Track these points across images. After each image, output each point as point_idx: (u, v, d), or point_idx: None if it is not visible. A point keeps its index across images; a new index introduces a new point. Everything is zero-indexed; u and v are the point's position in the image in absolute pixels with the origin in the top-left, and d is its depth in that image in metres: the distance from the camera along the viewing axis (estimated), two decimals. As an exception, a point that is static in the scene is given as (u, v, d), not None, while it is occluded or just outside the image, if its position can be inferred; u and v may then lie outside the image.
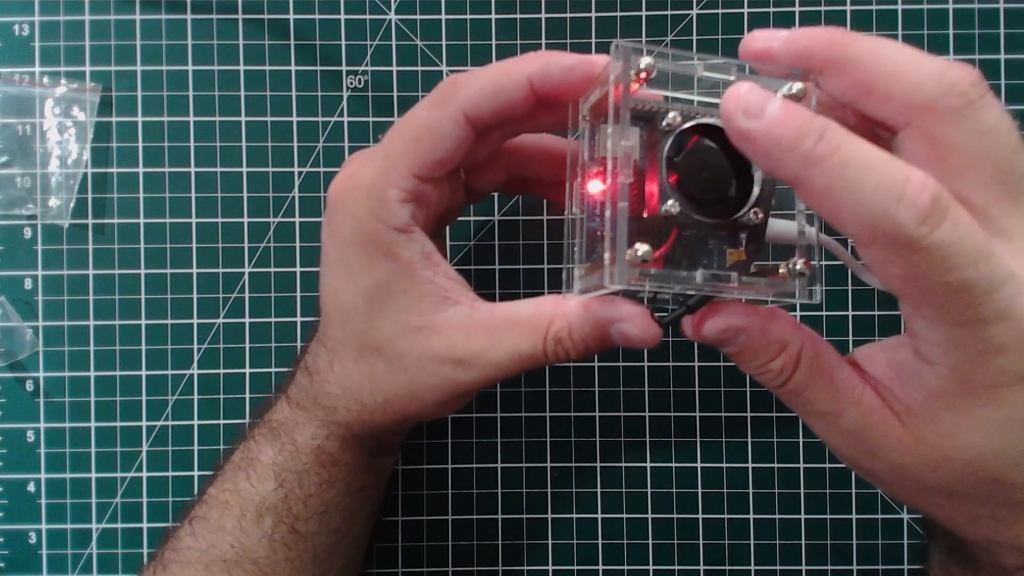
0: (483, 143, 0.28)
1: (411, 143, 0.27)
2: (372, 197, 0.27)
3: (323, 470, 0.30)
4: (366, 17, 0.38)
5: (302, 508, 0.30)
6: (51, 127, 0.38)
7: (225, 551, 0.29)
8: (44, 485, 0.38)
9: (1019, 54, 0.37)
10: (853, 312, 0.38)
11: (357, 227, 0.27)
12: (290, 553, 0.30)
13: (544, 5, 0.38)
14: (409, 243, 0.27)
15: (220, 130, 0.38)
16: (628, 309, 0.25)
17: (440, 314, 0.27)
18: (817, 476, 0.38)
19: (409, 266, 0.27)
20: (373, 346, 0.28)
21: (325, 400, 0.29)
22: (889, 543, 0.37)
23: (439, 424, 0.38)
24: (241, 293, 0.38)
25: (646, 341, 0.25)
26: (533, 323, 0.26)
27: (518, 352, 0.26)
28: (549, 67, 0.25)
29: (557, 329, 0.26)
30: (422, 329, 0.27)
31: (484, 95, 0.26)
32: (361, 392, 0.28)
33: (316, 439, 0.30)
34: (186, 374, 0.38)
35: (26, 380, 0.38)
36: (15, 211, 0.38)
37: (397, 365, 0.27)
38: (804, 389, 0.24)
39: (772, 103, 0.20)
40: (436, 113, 0.26)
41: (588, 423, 0.38)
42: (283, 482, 0.30)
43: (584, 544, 0.38)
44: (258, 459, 0.30)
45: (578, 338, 0.26)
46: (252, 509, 0.30)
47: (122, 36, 0.38)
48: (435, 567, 0.38)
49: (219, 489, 0.31)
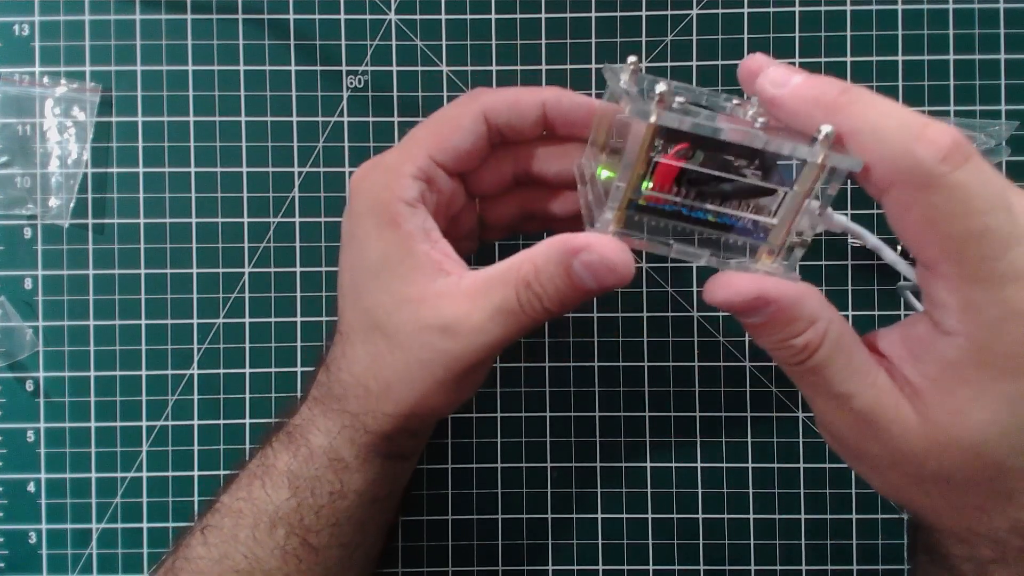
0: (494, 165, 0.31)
1: (433, 129, 0.29)
2: (389, 171, 0.28)
3: (335, 477, 0.29)
4: (366, 17, 0.38)
5: (314, 519, 0.29)
6: (51, 127, 0.38)
7: (238, 562, 0.29)
8: (44, 485, 0.38)
9: (1019, 54, 0.37)
10: (853, 312, 0.38)
11: (371, 198, 0.28)
12: (302, 566, 0.29)
13: (544, 5, 0.38)
14: (412, 215, 0.28)
15: (220, 130, 0.38)
16: (588, 235, 0.25)
17: (432, 285, 0.27)
18: (817, 476, 0.38)
19: (409, 237, 0.27)
20: (376, 324, 0.28)
21: (338, 388, 0.29)
22: (889, 543, 0.37)
23: (439, 424, 0.38)
24: (241, 293, 0.38)
25: (614, 270, 0.24)
26: (506, 275, 0.26)
27: (495, 307, 0.26)
28: (562, 98, 0.29)
29: (525, 272, 0.26)
30: (414, 301, 0.27)
31: (503, 102, 0.29)
32: (366, 376, 0.28)
33: (329, 436, 0.29)
34: (186, 374, 0.38)
35: (26, 380, 0.38)
36: (15, 211, 0.38)
37: (395, 343, 0.27)
38: (824, 368, 0.23)
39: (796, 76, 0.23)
40: (459, 108, 0.29)
41: (588, 423, 0.38)
42: (296, 490, 0.29)
43: (584, 544, 0.38)
44: (274, 466, 0.30)
45: (545, 279, 0.25)
46: (265, 519, 0.29)
47: (122, 36, 0.38)
48: (435, 567, 0.38)
49: (233, 498, 0.30)
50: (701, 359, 0.38)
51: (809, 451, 0.38)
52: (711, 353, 0.38)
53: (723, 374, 0.38)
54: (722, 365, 0.38)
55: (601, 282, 0.25)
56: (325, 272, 0.38)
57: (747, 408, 0.38)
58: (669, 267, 0.38)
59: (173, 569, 0.30)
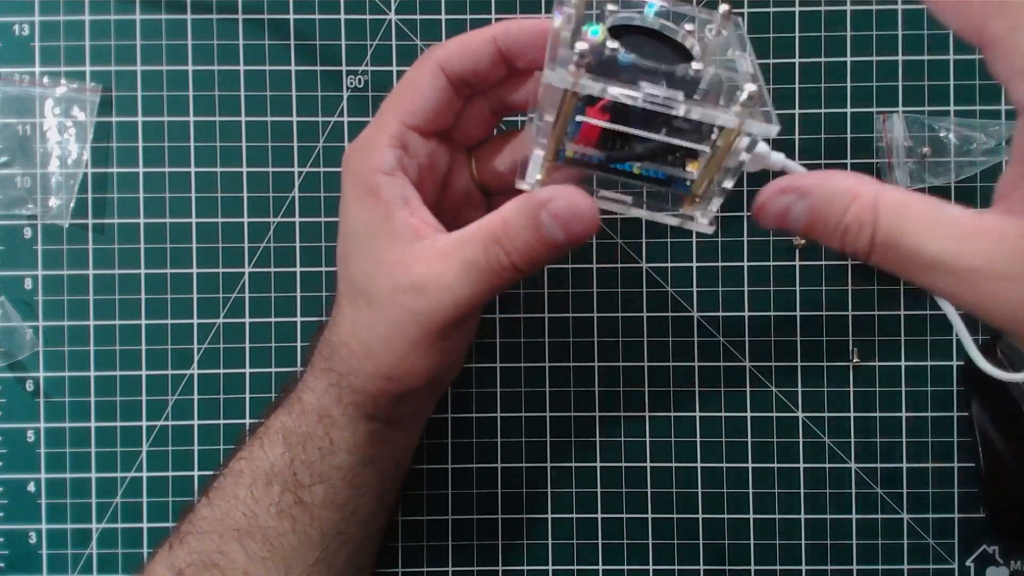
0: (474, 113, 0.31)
1: (397, 97, 0.29)
2: (366, 146, 0.29)
3: (324, 433, 0.30)
4: (366, 17, 0.38)
5: (306, 475, 0.30)
6: (51, 127, 0.38)
7: (238, 519, 0.30)
8: (44, 485, 0.38)
9: (1019, 54, 0.37)
10: (853, 312, 0.38)
11: (354, 173, 0.29)
12: (296, 525, 0.30)
13: (544, 5, 0.38)
14: (391, 185, 0.28)
15: (220, 130, 0.38)
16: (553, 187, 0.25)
17: (408, 249, 0.28)
18: (817, 476, 0.38)
19: (388, 205, 0.28)
20: (359, 288, 0.29)
21: (326, 349, 0.30)
22: (889, 543, 0.37)
23: (439, 424, 0.38)
24: (241, 293, 0.38)
25: (581, 217, 0.25)
26: (476, 233, 0.27)
27: (464, 264, 0.26)
28: (509, 27, 0.29)
29: (493, 227, 0.26)
30: (391, 264, 0.28)
31: (455, 50, 0.29)
32: (350, 338, 0.29)
33: (317, 394, 0.30)
34: (186, 374, 0.38)
35: (26, 380, 0.38)
36: (15, 211, 0.38)
37: (374, 305, 0.28)
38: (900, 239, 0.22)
39: None
40: (415, 70, 0.29)
41: (588, 423, 0.38)
42: (289, 446, 0.30)
43: (584, 544, 0.38)
44: (271, 425, 0.31)
45: (514, 233, 0.26)
46: (262, 476, 0.30)
47: (122, 36, 0.38)
48: (435, 567, 0.38)
49: (236, 459, 0.32)
50: (701, 359, 0.38)
51: (809, 451, 0.38)
52: (711, 353, 0.38)
53: (723, 374, 0.38)
54: (722, 365, 0.38)
55: (569, 231, 0.25)
56: (325, 272, 0.38)
57: (747, 408, 0.38)
58: (669, 267, 0.38)
59: (180, 535, 0.31)
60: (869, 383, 0.38)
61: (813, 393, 0.38)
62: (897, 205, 0.22)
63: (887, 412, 0.38)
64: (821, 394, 0.38)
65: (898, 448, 0.37)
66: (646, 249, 0.38)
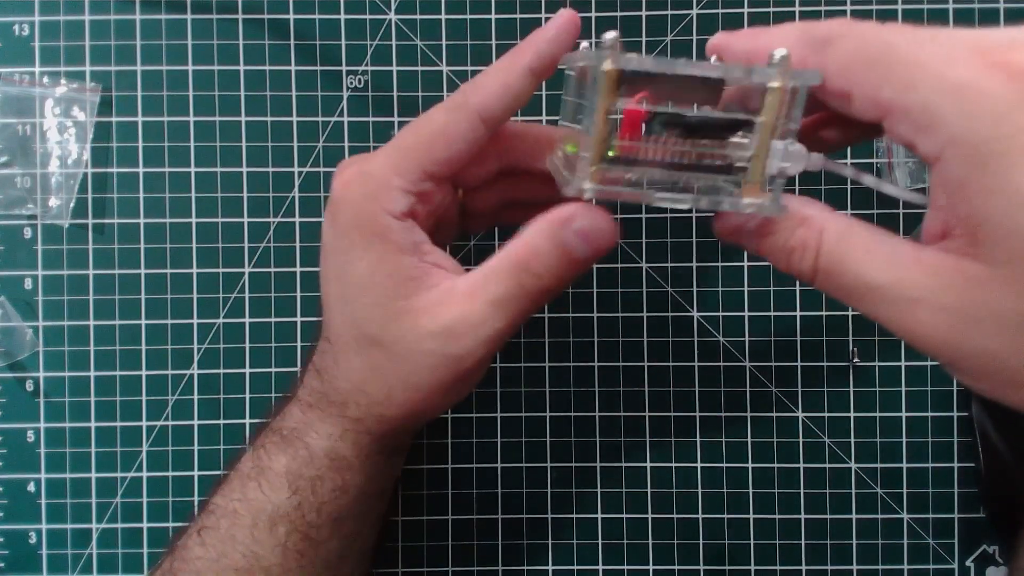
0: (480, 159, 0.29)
1: (426, 141, 0.28)
2: (376, 182, 0.27)
3: (337, 475, 0.29)
4: (366, 17, 0.38)
5: (316, 516, 0.29)
6: (51, 127, 0.38)
7: (236, 560, 0.29)
8: (44, 485, 0.38)
9: (1019, 54, 0.37)
10: (853, 312, 0.38)
11: (356, 211, 0.28)
12: (303, 560, 0.30)
13: (544, 5, 0.38)
14: (402, 230, 0.27)
15: (220, 130, 0.38)
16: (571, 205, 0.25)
17: (426, 295, 0.27)
18: (817, 476, 0.38)
19: (398, 251, 0.27)
20: (370, 335, 0.28)
21: (335, 396, 0.29)
22: (889, 543, 0.37)
23: (439, 424, 0.38)
24: (241, 293, 0.38)
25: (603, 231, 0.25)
26: (501, 264, 0.26)
27: (495, 298, 0.26)
28: (540, 48, 0.27)
29: (521, 256, 0.26)
30: (411, 312, 0.27)
31: (495, 95, 0.27)
32: (366, 383, 0.28)
33: (330, 439, 0.29)
34: (186, 374, 0.38)
35: (26, 380, 0.38)
36: (15, 211, 0.38)
37: (394, 353, 0.27)
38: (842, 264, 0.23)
39: None
40: (454, 116, 0.27)
41: (588, 423, 0.38)
42: (297, 489, 0.29)
43: (584, 544, 0.38)
44: (270, 468, 0.30)
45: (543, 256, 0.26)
46: (265, 518, 0.29)
47: (122, 36, 0.38)
48: (435, 567, 0.38)
49: (227, 499, 0.30)
50: (701, 359, 0.38)
51: (809, 451, 0.38)
52: (711, 353, 0.38)
53: (723, 374, 0.38)
54: (722, 365, 0.38)
55: (595, 246, 0.25)
56: (325, 272, 0.38)
57: (747, 408, 0.38)
58: (669, 267, 0.38)
59: (171, 570, 0.30)
60: (869, 383, 0.38)
61: (813, 393, 0.38)
62: (841, 232, 0.23)
63: (887, 412, 0.38)
64: (821, 394, 0.38)
65: (898, 448, 0.37)
66: (646, 249, 0.38)
